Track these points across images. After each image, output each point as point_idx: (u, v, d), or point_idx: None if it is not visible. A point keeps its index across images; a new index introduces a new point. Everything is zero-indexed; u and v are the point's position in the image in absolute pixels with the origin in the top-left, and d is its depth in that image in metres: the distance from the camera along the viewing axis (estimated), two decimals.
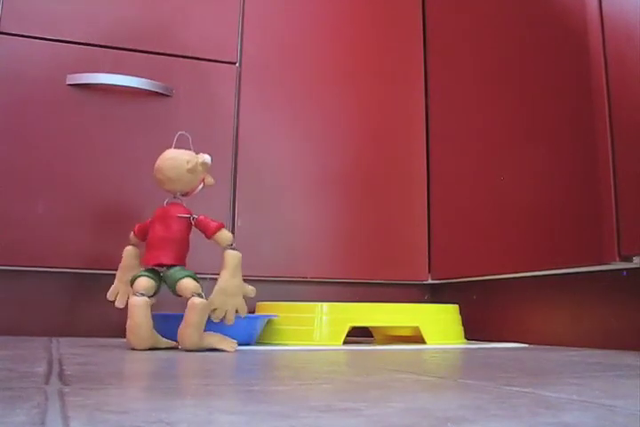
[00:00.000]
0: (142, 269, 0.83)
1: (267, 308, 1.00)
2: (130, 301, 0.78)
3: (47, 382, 0.44)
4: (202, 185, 0.86)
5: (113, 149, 1.04)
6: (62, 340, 0.91)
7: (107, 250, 1.01)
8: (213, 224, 0.82)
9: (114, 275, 1.04)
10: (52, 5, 1.04)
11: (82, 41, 1.05)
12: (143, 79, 1.05)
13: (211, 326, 0.78)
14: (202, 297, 0.76)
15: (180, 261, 0.81)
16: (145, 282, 0.79)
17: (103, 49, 1.06)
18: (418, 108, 1.24)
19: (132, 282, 0.80)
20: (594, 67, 0.84)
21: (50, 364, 0.56)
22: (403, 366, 0.61)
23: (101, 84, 1.04)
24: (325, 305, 0.95)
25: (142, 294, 0.77)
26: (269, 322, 0.93)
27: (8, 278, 1.01)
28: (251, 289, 0.82)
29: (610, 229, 0.80)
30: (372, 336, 1.08)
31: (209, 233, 0.82)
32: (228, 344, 0.77)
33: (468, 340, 1.04)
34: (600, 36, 0.85)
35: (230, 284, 0.79)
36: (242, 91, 1.13)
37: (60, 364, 0.56)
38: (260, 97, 1.14)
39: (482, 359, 0.70)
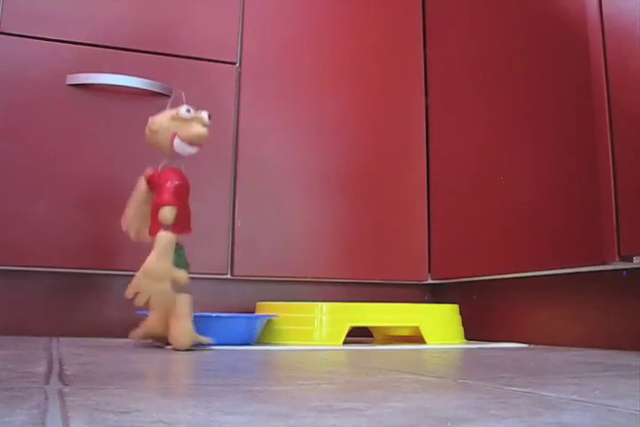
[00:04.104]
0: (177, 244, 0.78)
1: (267, 308, 1.00)
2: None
3: (47, 382, 0.44)
4: None
5: (113, 149, 1.04)
6: (62, 340, 0.91)
7: (107, 250, 1.01)
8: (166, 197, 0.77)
9: (114, 275, 1.05)
10: (52, 5, 1.04)
11: (82, 41, 1.05)
12: (143, 79, 1.05)
13: (208, 325, 0.78)
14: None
15: None
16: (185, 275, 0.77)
17: (103, 49, 1.06)
18: (418, 108, 1.24)
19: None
20: (594, 66, 0.84)
21: (50, 364, 0.56)
22: (403, 366, 0.61)
23: (101, 84, 1.04)
24: (325, 305, 0.95)
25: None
26: (269, 322, 0.93)
27: (8, 278, 1.00)
28: (181, 275, 0.76)
29: (610, 230, 0.80)
30: (372, 336, 1.08)
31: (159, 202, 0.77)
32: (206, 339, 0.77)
33: (468, 340, 1.04)
34: (600, 36, 0.85)
35: (157, 266, 0.74)
36: (242, 91, 1.13)
37: (60, 364, 0.56)
38: (260, 97, 1.14)
39: (482, 359, 0.70)
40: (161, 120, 0.79)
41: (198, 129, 0.78)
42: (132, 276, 1.05)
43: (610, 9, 0.84)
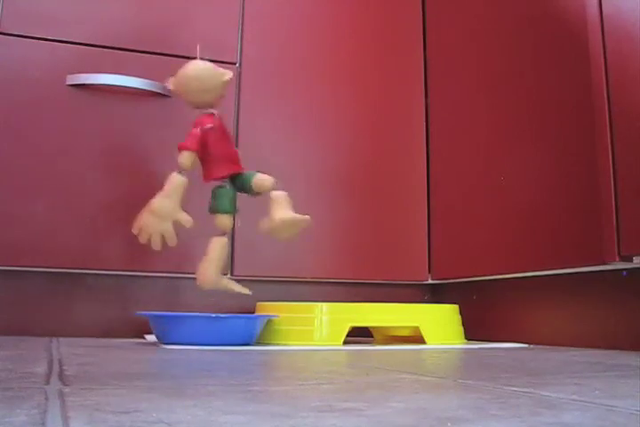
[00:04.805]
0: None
1: (267, 308, 1.00)
2: (213, 239, 0.78)
3: (47, 382, 0.44)
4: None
5: (112, 150, 1.04)
6: (62, 340, 0.91)
7: (107, 250, 1.01)
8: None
9: (114, 275, 1.04)
10: (52, 5, 1.04)
11: (82, 41, 1.05)
12: (143, 79, 1.05)
13: (208, 325, 0.78)
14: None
15: None
16: (228, 221, 0.81)
17: (103, 49, 1.06)
18: (418, 108, 1.24)
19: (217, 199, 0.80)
20: (594, 66, 0.84)
21: (50, 364, 0.56)
22: (403, 366, 0.61)
23: (101, 84, 1.04)
24: (325, 305, 0.95)
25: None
26: (269, 322, 0.93)
27: (8, 278, 1.00)
28: (186, 219, 0.77)
29: (610, 229, 0.80)
30: (372, 336, 1.08)
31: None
32: (244, 289, 0.77)
33: (468, 340, 1.04)
34: (600, 36, 0.84)
35: (163, 205, 0.75)
36: (242, 91, 1.13)
37: (60, 364, 0.56)
38: (260, 97, 1.14)
39: (482, 359, 0.70)
40: (220, 78, 0.85)
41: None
42: (133, 276, 1.05)
43: (610, 9, 0.84)
